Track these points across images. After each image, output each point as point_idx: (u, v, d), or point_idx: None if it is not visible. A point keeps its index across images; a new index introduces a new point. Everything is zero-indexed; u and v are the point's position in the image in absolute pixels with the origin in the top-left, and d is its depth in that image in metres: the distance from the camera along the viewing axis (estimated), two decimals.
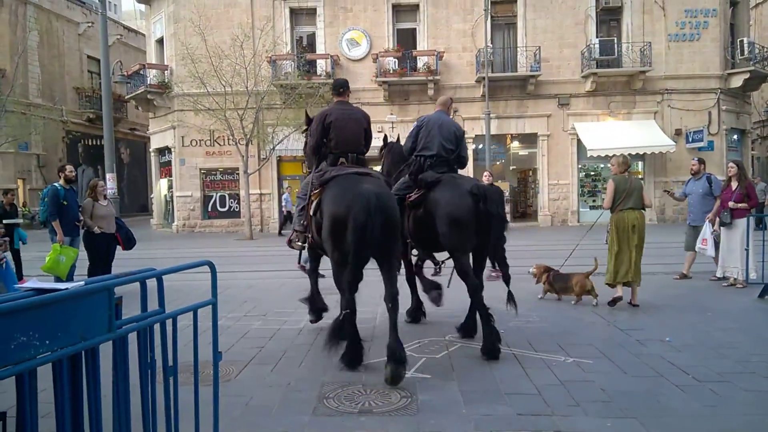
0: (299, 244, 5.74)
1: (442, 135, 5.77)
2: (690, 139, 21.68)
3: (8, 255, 8.26)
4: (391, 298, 4.64)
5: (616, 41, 21.29)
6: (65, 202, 8.20)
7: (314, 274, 6.19)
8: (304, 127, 6.16)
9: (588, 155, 20.78)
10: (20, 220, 11.44)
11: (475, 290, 5.22)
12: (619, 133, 21.01)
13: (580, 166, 22.26)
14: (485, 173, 9.53)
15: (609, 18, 22.40)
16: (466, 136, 7.02)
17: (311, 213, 5.26)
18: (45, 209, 8.29)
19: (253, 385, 4.44)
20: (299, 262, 6.53)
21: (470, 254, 5.49)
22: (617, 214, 7.10)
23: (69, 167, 8.58)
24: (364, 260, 4.75)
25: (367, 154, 5.70)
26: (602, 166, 21.78)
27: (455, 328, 5.87)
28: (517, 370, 4.69)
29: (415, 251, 6.42)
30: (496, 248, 5.40)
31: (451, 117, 6.22)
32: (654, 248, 13.93)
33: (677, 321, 6.30)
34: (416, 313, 6.47)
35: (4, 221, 10.09)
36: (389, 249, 4.81)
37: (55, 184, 8.38)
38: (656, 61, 21.47)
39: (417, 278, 6.47)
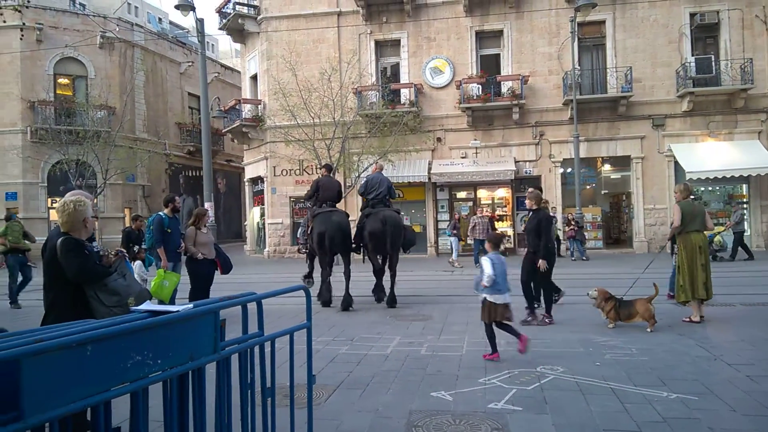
0: (304, 251, 10.90)
1: (378, 186, 9.94)
2: None
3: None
4: (348, 275, 9.56)
5: (713, 59, 20.12)
6: (169, 230, 8.73)
7: (322, 271, 9.85)
8: (310, 192, 10.56)
9: (687, 178, 19.62)
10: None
11: (379, 273, 9.77)
12: (720, 155, 19.76)
13: None
14: (527, 194, 9.17)
15: (705, 35, 21.24)
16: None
17: (308, 232, 9.99)
18: (151, 236, 8.87)
19: (342, 410, 4.49)
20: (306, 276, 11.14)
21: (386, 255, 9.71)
22: (683, 236, 7.66)
23: (178, 199, 9.16)
24: (334, 253, 9.81)
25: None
26: (703, 189, 20.51)
27: (371, 292, 9.97)
28: (616, 405, 4.46)
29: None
30: (393, 251, 9.66)
31: (382, 173, 10.41)
32: (761, 277, 12.90)
33: None
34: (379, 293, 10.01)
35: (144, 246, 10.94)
36: (346, 248, 9.82)
37: (160, 213, 8.94)
38: (759, 78, 20.06)
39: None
